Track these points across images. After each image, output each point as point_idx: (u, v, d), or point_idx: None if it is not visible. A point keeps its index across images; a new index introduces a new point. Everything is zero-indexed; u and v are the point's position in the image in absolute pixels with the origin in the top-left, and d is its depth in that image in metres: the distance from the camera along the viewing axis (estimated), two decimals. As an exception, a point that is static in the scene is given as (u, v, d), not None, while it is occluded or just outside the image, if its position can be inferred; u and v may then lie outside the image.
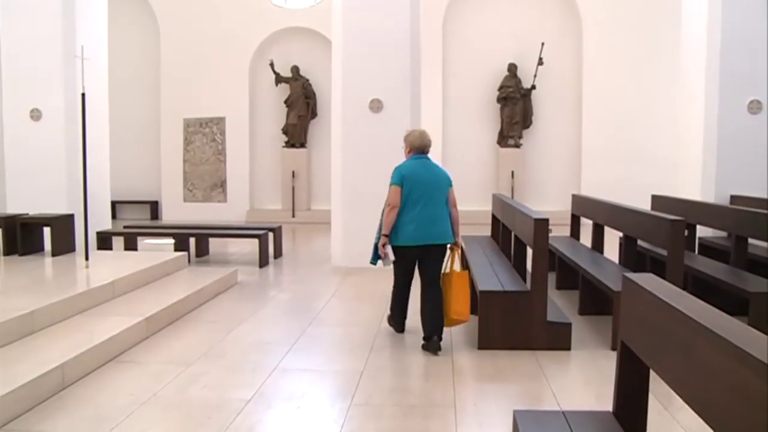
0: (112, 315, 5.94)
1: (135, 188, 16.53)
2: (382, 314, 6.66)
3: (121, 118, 15.40)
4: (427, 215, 5.40)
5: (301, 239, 12.85)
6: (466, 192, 15.33)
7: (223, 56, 15.72)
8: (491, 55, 15.17)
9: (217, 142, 16.04)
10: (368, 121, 9.22)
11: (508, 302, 5.51)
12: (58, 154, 9.46)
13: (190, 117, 16.08)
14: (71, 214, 8.69)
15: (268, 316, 6.82)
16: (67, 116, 9.45)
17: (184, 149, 16.17)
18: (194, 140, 16.13)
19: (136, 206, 16.60)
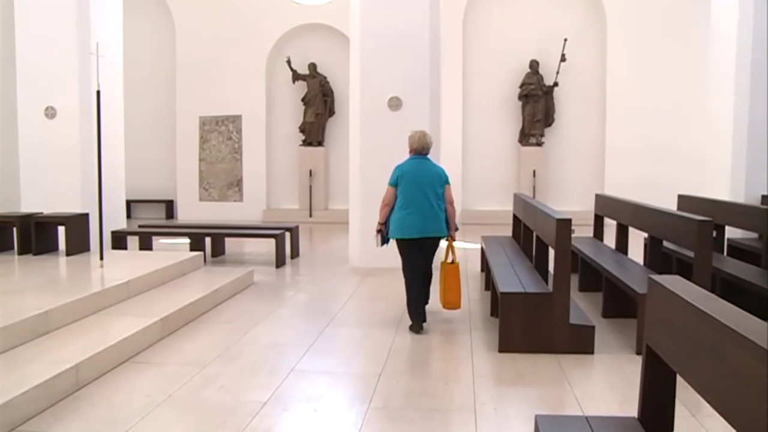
0: (127, 315, 5.98)
1: (150, 187, 16.65)
2: (401, 315, 6.65)
3: (136, 116, 15.50)
4: (422, 211, 6.01)
5: (318, 239, 12.87)
6: (487, 191, 15.32)
7: (240, 53, 15.79)
8: (512, 51, 15.10)
9: (233, 140, 16.11)
10: (387, 119, 9.21)
11: (530, 304, 5.47)
12: (73, 153, 9.51)
13: (205, 115, 16.17)
14: (86, 213, 8.77)
15: (284, 317, 6.82)
16: (82, 114, 9.50)
17: (200, 148, 16.26)
18: (210, 138, 16.21)
19: (151, 205, 16.72)
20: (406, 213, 6.02)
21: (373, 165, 9.26)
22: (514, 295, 5.55)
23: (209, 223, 12.08)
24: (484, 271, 8.59)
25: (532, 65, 14.93)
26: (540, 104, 14.81)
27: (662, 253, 6.94)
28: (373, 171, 9.26)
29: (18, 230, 8.60)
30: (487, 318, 6.60)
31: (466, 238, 12.66)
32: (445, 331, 6.19)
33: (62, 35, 9.50)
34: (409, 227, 6.01)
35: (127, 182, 11.03)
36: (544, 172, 14.99)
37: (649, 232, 6.83)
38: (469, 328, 6.26)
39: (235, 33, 15.78)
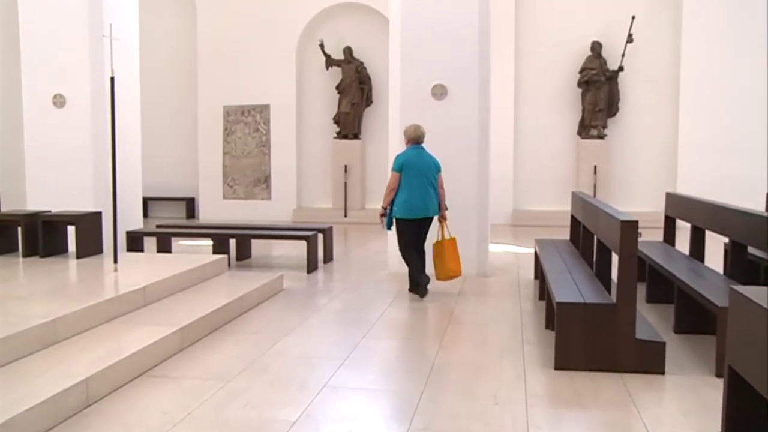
0: (143, 324, 6.02)
1: (169, 183, 16.85)
2: (446, 326, 6.64)
3: (154, 105, 15.70)
4: (423, 195, 7.78)
5: (354, 241, 12.87)
6: (541, 190, 15.20)
7: (268, 36, 15.89)
8: (571, 32, 14.93)
9: (260, 132, 16.22)
10: (431, 109, 9.17)
11: (590, 316, 5.39)
12: (84, 145, 9.62)
13: (230, 104, 16.31)
14: (98, 211, 8.84)
15: (317, 327, 6.82)
16: (94, 103, 9.61)
17: (224, 140, 16.41)
18: (235, 130, 16.35)
19: (170, 203, 16.93)
20: (410, 196, 7.73)
21: (415, 159, 9.24)
22: (573, 305, 5.47)
23: (234, 223, 12.16)
24: (538, 279, 8.52)
25: (593, 48, 14.73)
26: (602, 91, 14.61)
27: (747, 260, 6.78)
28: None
29: (23, 230, 8.62)
30: (542, 331, 6.53)
31: (518, 241, 12.58)
32: (494, 345, 6.14)
33: (72, 15, 9.58)
34: (414, 209, 7.76)
35: (144, 178, 11.16)
36: (607, 168, 14.79)
37: (731, 237, 6.68)
38: (521, 341, 6.19)
39: (263, 14, 15.89)
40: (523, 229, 14.07)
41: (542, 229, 13.18)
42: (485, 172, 9.25)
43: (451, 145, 9.11)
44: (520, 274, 9.42)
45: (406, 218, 7.79)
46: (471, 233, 9.11)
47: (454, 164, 9.09)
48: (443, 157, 9.04)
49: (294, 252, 11.12)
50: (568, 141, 15.20)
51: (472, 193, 9.14)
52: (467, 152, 9.14)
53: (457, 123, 9.14)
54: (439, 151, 9.10)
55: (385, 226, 7.98)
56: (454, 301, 7.77)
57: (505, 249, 11.67)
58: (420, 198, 7.75)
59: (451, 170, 9.11)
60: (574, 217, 8.76)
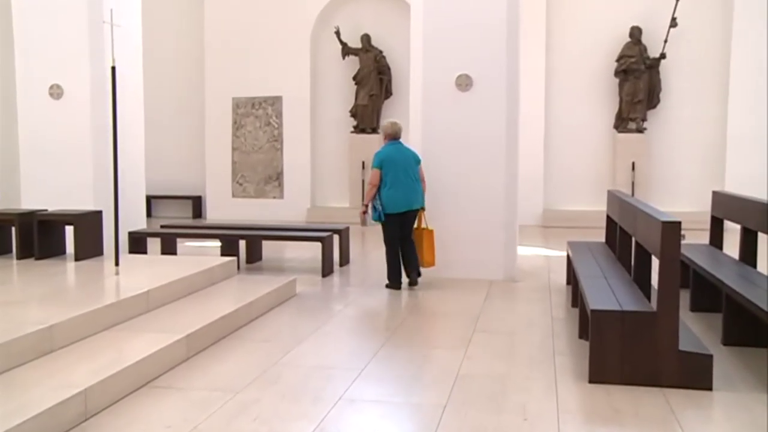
0: (146, 331, 6.03)
1: (174, 181, 16.94)
2: (471, 334, 6.63)
3: (158, 96, 15.78)
4: (405, 189, 8.53)
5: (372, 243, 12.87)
6: (574, 188, 15.12)
7: (280, 23, 15.93)
8: (608, 17, 14.84)
9: (272, 126, 16.26)
10: (455, 101, 9.18)
11: (628, 325, 5.34)
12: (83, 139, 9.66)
13: (240, 96, 16.36)
14: (98, 210, 8.87)
15: (332, 334, 6.82)
16: (94, 94, 9.64)
17: (233, 135, 16.46)
18: (245, 124, 16.40)
19: (175, 202, 17.01)
20: (395, 191, 8.48)
21: (439, 155, 9.23)
22: (609, 313, 5.42)
23: (244, 223, 12.19)
24: (570, 284, 8.47)
25: (633, 33, 14.62)
26: (642, 81, 14.49)
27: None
28: (439, 162, 9.23)
29: (18, 230, 8.63)
30: (575, 341, 6.50)
31: (549, 243, 12.52)
32: (523, 355, 6.11)
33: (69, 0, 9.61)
34: (399, 203, 8.52)
35: (148, 175, 11.22)
36: (647, 165, 14.69)
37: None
38: (553, 352, 6.16)
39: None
40: (554, 230, 14.01)
41: (575, 230, 13.11)
42: (513, 169, 9.21)
43: (476, 139, 9.09)
44: (551, 278, 9.39)
45: (391, 213, 8.53)
46: (498, 234, 9.09)
47: (480, 160, 9.08)
48: (467, 153, 9.07)
49: (308, 254, 11.12)
50: (603, 135, 15.10)
51: (500, 192, 9.11)
52: (494, 147, 9.11)
53: (483, 116, 9.11)
54: (464, 146, 9.14)
55: (370, 219, 8.73)
56: (479, 308, 7.74)
57: (534, 252, 11.62)
58: (403, 192, 8.51)
59: (477, 167, 9.11)
60: (610, 217, 8.70)
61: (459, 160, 9.17)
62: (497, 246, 9.10)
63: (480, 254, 9.17)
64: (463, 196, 9.19)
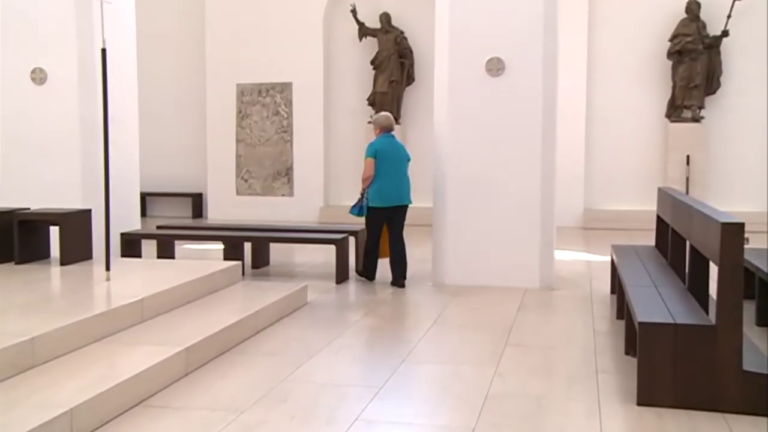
0: (140, 344, 6.04)
1: (172, 176, 17.00)
2: (502, 349, 6.61)
3: (154, 82, 15.85)
4: (396, 182, 9.10)
5: (391, 247, 12.87)
6: (619, 185, 15.06)
7: (289, 0, 15.95)
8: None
9: (281, 115, 16.29)
10: (485, 88, 9.16)
11: (683, 340, 5.30)
12: (70, 130, 9.65)
13: (245, 82, 16.41)
14: (87, 209, 8.91)
15: (347, 348, 6.81)
16: (82, 79, 9.63)
17: (238, 125, 16.50)
18: (251, 113, 16.44)
19: (173, 200, 17.08)
20: (384, 184, 9.03)
21: (467, 149, 9.23)
22: (660, 327, 5.38)
23: (249, 224, 12.19)
24: (615, 294, 8.43)
25: (690, 8, 14.47)
26: (700, 63, 14.35)
27: None
28: (467, 156, 9.23)
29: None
30: (621, 357, 6.46)
31: (591, 247, 12.48)
32: (561, 373, 6.09)
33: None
34: (387, 197, 9.07)
35: (143, 169, 11.25)
36: (704, 159, 14.58)
37: None
38: (595, 370, 6.13)
39: (285, -26, 15.98)
40: (596, 232, 13.95)
41: (620, 232, 13.08)
42: (550, 164, 9.17)
43: (509, 131, 9.07)
44: (594, 287, 9.35)
45: (379, 206, 9.10)
46: (533, 237, 9.06)
47: (513, 154, 9.06)
48: (499, 146, 9.07)
49: (320, 259, 11.14)
50: (654, 126, 15.01)
51: (535, 190, 9.07)
52: (529, 140, 9.08)
53: (516, 105, 9.09)
54: (495, 139, 9.12)
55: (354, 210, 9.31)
56: (512, 319, 7.72)
57: (574, 257, 11.60)
58: (394, 186, 9.08)
59: (510, 161, 9.09)
60: (660, 218, 8.65)
61: (489, 154, 9.15)
62: (532, 250, 9.07)
63: (513, 259, 9.14)
64: (494, 194, 9.17)
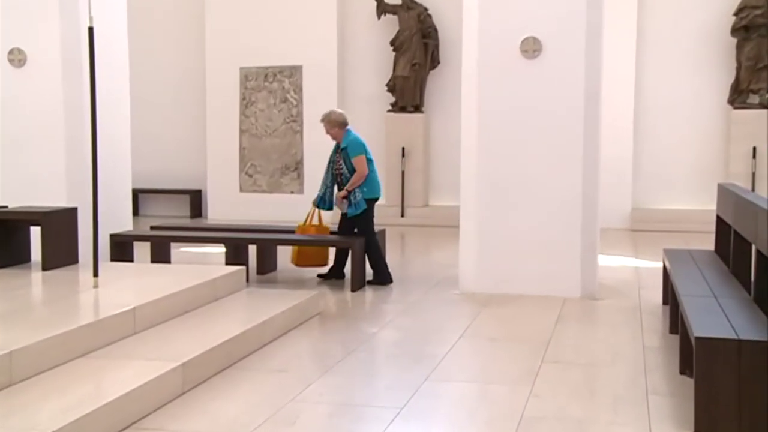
0: (131, 358, 6.03)
1: (168, 171, 17.04)
2: (538, 365, 6.60)
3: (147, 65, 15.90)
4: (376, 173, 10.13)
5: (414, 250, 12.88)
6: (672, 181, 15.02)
7: (300, -26, 15.97)
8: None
9: (289, 102, 16.30)
10: (519, 72, 9.15)
11: (747, 358, 5.24)
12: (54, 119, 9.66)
13: (249, 66, 16.42)
14: (73, 207, 8.90)
15: (364, 363, 6.85)
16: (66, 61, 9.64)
17: (241, 114, 16.52)
18: (256, 100, 16.45)
19: (169, 198, 17.14)
20: (374, 175, 10.00)
21: (499, 140, 9.21)
22: (720, 342, 5.33)
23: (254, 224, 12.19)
24: (667, 304, 8.39)
25: (759, -24, 14.36)
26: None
27: None
28: (500, 149, 9.22)
29: (-31, 233, 8.72)
30: (675, 377, 6.43)
31: (639, 252, 12.44)
32: (606, 394, 6.07)
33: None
34: (379, 186, 10.18)
35: (135, 163, 11.27)
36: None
37: None
38: (645, 390, 6.10)
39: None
40: (646, 235, 13.90)
41: (674, 235, 13.05)
42: (594, 158, 9.12)
43: (546, 120, 9.03)
44: (643, 296, 9.31)
45: (374, 197, 9.99)
46: (574, 240, 9.01)
47: (552, 147, 9.02)
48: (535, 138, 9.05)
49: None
50: (714, 113, 14.90)
51: (576, 186, 9.02)
52: (569, 130, 9.03)
53: (555, 91, 9.05)
54: (531, 130, 9.10)
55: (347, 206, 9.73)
56: (549, 332, 7.68)
57: (621, 262, 11.58)
58: (377, 176, 10.12)
59: (548, 155, 9.05)
60: (721, 219, 8.61)
61: (525, 147, 9.12)
62: (573, 255, 9.03)
63: (551, 265, 9.09)
64: (530, 191, 9.14)
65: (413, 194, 15.61)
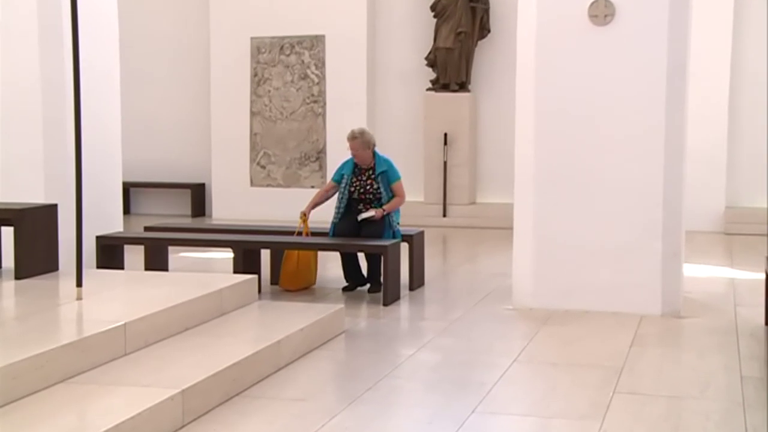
0: (122, 384, 6.04)
1: (166, 161, 17.12)
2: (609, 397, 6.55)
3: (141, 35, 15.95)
4: None
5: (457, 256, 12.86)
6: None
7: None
8: None
9: (310, 80, 16.32)
10: (587, 42, 9.11)
11: None
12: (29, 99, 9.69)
13: (262, 35, 16.45)
14: (52, 204, 8.95)
15: (399, 391, 6.83)
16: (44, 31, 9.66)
17: (253, 93, 16.56)
18: (270, 77, 16.48)
19: (167, 193, 17.22)
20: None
21: (561, 125, 9.20)
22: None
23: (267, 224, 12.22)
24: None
25: None
26: None
27: None
28: (562, 136, 9.18)
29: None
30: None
31: (735, 260, 12.38)
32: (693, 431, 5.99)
33: None
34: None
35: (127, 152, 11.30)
36: None
37: None
38: (744, 429, 6.04)
39: None
40: (743, 239, 13.86)
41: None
42: (678, 146, 9.06)
43: (620, 100, 8.97)
44: (740, 314, 9.26)
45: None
46: (653, 246, 8.96)
47: (627, 132, 8.95)
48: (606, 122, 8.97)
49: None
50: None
51: (656, 182, 8.97)
52: (648, 113, 8.97)
53: (631, 65, 8.99)
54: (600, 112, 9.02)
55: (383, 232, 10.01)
56: (623, 357, 7.64)
57: (711, 272, 11.53)
58: None
59: (620, 143, 9.00)
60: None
61: (593, 133, 9.07)
62: (652, 263, 8.96)
63: (624, 275, 9.04)
64: (599, 187, 9.10)
65: (457, 190, 15.62)
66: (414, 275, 10.35)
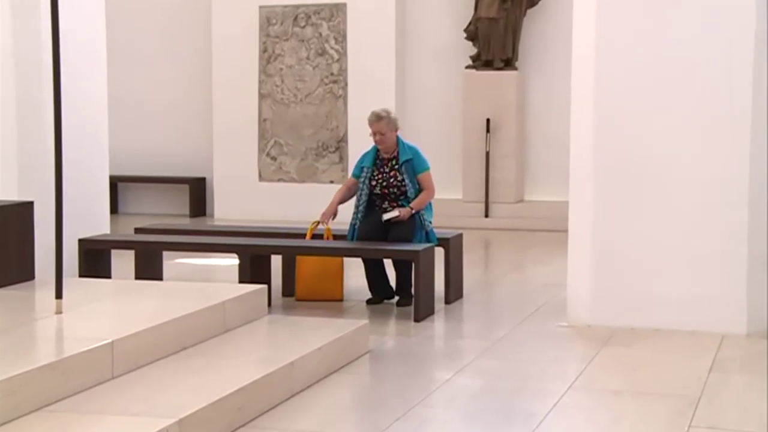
0: (108, 413, 6.05)
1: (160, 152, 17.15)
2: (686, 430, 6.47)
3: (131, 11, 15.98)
4: None
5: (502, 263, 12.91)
6: None
7: None
8: None
9: (329, 56, 16.34)
10: (658, 10, 9.05)
11: None
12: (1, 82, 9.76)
13: (272, 4, 16.44)
14: (28, 202, 8.98)
15: (432, 422, 6.83)
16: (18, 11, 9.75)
17: (261, 72, 16.59)
18: (282, 53, 16.51)
19: (161, 189, 17.28)
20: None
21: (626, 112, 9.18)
22: None
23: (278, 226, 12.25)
24: None
25: None
26: None
27: None
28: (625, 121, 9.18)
29: None
30: None
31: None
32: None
33: None
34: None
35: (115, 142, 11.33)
36: None
37: None
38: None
39: None
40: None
41: None
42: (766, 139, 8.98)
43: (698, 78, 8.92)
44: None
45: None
46: (737, 252, 8.91)
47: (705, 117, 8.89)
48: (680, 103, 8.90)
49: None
50: None
51: (740, 178, 8.91)
52: (732, 93, 8.92)
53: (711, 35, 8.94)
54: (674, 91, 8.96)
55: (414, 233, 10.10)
56: (700, 385, 7.58)
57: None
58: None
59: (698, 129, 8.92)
60: None
61: (665, 120, 9.03)
62: (735, 274, 8.90)
63: (702, 287, 8.98)
64: (672, 183, 9.06)
65: (502, 185, 15.62)
66: (451, 286, 10.34)
